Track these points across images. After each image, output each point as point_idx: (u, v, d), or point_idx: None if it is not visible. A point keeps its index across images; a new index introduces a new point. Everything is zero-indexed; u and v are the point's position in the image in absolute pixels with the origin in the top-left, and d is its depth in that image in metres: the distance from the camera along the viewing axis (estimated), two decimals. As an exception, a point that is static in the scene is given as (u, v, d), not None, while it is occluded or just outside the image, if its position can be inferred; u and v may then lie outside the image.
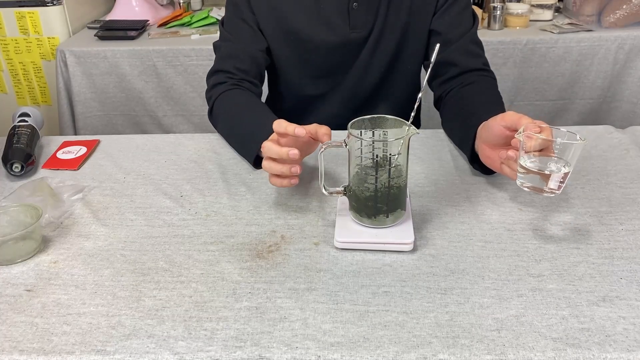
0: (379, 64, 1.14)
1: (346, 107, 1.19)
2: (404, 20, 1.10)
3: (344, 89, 1.17)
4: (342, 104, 1.19)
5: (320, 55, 1.13)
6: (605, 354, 0.58)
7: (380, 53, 1.13)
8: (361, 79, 1.16)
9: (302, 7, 1.09)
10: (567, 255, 0.74)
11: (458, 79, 1.09)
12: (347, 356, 0.59)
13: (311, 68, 1.15)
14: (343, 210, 0.81)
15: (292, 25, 1.10)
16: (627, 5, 1.96)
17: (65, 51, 1.98)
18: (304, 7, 1.09)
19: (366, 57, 1.13)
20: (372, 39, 1.11)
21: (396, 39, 1.12)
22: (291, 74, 1.18)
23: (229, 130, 1.06)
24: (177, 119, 2.09)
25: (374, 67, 1.14)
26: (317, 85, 1.17)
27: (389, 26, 1.10)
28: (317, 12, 1.09)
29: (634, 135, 1.05)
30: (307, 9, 1.09)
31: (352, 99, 1.18)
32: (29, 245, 0.77)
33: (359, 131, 0.76)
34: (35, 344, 0.62)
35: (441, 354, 0.59)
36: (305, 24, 1.09)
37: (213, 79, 1.11)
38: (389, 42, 1.12)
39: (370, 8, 1.08)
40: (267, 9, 1.10)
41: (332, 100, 1.19)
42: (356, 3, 1.07)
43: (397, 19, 1.10)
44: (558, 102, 2.03)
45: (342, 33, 1.10)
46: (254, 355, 0.60)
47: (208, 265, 0.74)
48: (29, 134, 1.03)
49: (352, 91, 1.17)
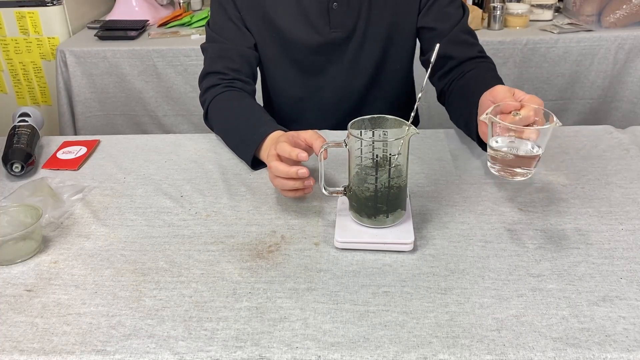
0: (367, 64, 1.14)
1: (338, 108, 1.18)
2: (389, 20, 1.10)
3: (334, 89, 1.17)
4: (333, 105, 1.19)
5: (304, 54, 1.13)
6: (605, 354, 0.58)
7: (367, 53, 1.13)
8: (350, 80, 1.16)
9: (285, 6, 1.09)
10: (567, 255, 0.74)
11: (457, 70, 1.08)
12: (347, 356, 0.59)
13: (297, 67, 1.15)
14: (343, 210, 0.81)
15: (276, 23, 1.10)
16: (627, 5, 1.96)
17: (65, 51, 1.98)
18: (286, 5, 1.09)
19: (351, 57, 1.13)
20: (356, 40, 1.11)
21: (382, 39, 1.11)
22: (278, 73, 1.18)
23: (224, 134, 1.06)
24: (177, 119, 2.10)
25: (362, 67, 1.14)
26: (305, 84, 1.17)
27: (373, 26, 1.10)
28: (298, 11, 1.09)
29: (634, 135, 1.05)
30: (289, 7, 1.09)
31: (343, 100, 1.18)
32: (29, 246, 0.77)
33: (359, 131, 0.76)
34: (36, 344, 0.62)
35: (441, 354, 0.59)
36: (288, 23, 1.09)
37: (205, 82, 1.11)
38: (374, 43, 1.12)
39: (350, 9, 1.08)
40: (252, 6, 1.10)
41: (322, 101, 1.19)
42: (336, 3, 1.07)
43: (381, 19, 1.10)
44: (558, 102, 2.03)
45: (323, 33, 1.10)
46: (254, 355, 0.60)
47: (208, 265, 0.74)
48: (29, 134, 1.03)
49: (341, 92, 1.17)
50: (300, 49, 1.12)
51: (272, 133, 0.94)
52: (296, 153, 0.79)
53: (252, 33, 1.12)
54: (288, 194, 0.85)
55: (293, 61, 1.14)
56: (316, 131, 0.84)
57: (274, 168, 0.81)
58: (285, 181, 0.81)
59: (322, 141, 0.81)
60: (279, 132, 0.93)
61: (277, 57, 1.14)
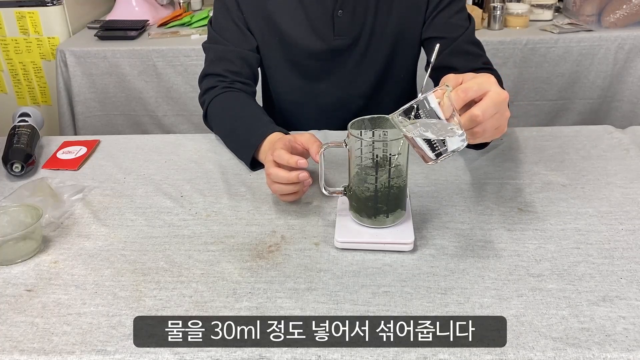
0: (369, 72, 1.13)
1: (339, 114, 1.17)
2: (394, 30, 1.09)
3: (335, 95, 1.16)
4: (333, 111, 1.18)
5: (306, 59, 1.12)
6: (605, 354, 0.58)
7: (370, 62, 1.12)
8: (352, 87, 1.15)
9: (289, 10, 1.08)
10: (567, 255, 0.74)
11: None
12: (347, 356, 0.59)
13: (298, 71, 1.14)
14: (343, 210, 0.81)
15: (279, 27, 1.09)
16: (627, 5, 1.96)
17: (65, 51, 1.99)
18: (291, 10, 1.08)
19: (354, 64, 1.12)
20: (360, 48, 1.10)
21: (386, 48, 1.11)
22: (279, 76, 1.17)
23: (223, 135, 1.06)
24: (177, 119, 2.10)
25: (364, 75, 1.14)
26: (306, 89, 1.17)
27: (378, 35, 1.09)
28: (302, 16, 1.08)
29: (634, 135, 1.05)
30: (293, 12, 1.08)
31: (343, 107, 1.17)
32: (29, 246, 0.77)
33: (359, 131, 0.76)
34: (36, 344, 0.62)
35: (441, 354, 0.59)
36: (291, 27, 1.09)
37: (205, 83, 1.11)
38: (378, 52, 1.11)
39: (356, 17, 1.08)
40: (255, 8, 1.09)
41: (323, 106, 1.18)
42: (341, 10, 1.07)
43: (386, 28, 1.09)
44: (558, 102, 2.03)
45: (327, 39, 1.09)
46: (254, 355, 0.60)
47: (208, 265, 0.74)
48: (29, 134, 1.03)
49: (342, 99, 1.16)
50: (303, 54, 1.11)
51: (271, 135, 0.94)
52: (295, 160, 0.79)
53: (255, 35, 1.11)
54: (286, 198, 0.85)
55: (295, 65, 1.14)
56: (313, 134, 0.84)
57: (274, 175, 0.81)
58: (284, 186, 0.81)
59: (319, 145, 0.81)
60: (277, 134, 0.93)
61: (279, 61, 1.14)
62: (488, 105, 0.67)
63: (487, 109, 0.67)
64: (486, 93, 0.67)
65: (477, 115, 0.66)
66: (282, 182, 0.81)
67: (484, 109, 0.66)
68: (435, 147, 0.67)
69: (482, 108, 0.66)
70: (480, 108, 0.66)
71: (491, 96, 0.67)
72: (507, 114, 0.71)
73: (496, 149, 1.02)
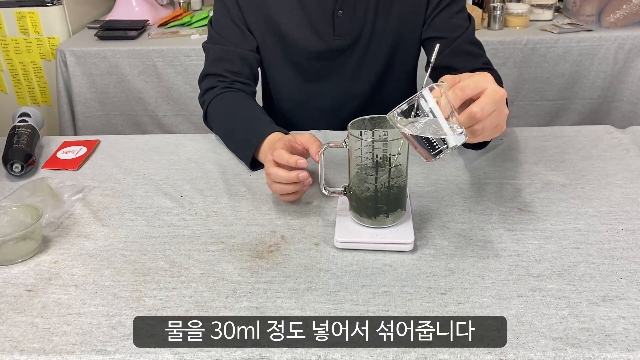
0: (369, 72, 1.13)
1: (339, 114, 1.17)
2: (394, 30, 1.09)
3: (334, 95, 1.16)
4: (333, 110, 1.18)
5: (306, 59, 1.12)
6: (605, 354, 0.58)
7: (370, 62, 1.12)
8: (351, 87, 1.15)
9: (289, 10, 1.08)
10: (567, 255, 0.74)
11: None
12: (347, 356, 0.59)
13: (298, 71, 1.14)
14: (343, 210, 0.81)
15: (279, 27, 1.09)
16: (627, 5, 1.96)
17: (65, 51, 1.98)
18: (291, 10, 1.08)
19: (354, 64, 1.12)
20: (360, 48, 1.10)
21: (386, 48, 1.11)
22: (279, 76, 1.17)
23: (223, 135, 1.06)
24: (177, 119, 2.10)
25: (364, 75, 1.14)
26: (306, 89, 1.16)
27: (378, 35, 1.09)
28: (302, 16, 1.08)
29: (634, 135, 1.05)
30: (293, 12, 1.08)
31: (343, 106, 1.17)
32: (29, 246, 0.77)
33: (359, 131, 0.76)
34: (36, 344, 0.62)
35: (441, 354, 0.59)
36: (291, 27, 1.09)
37: (205, 83, 1.11)
38: (378, 52, 1.11)
39: (356, 17, 1.07)
40: (255, 8, 1.09)
41: (323, 106, 1.18)
42: (341, 11, 1.07)
43: (386, 28, 1.09)
44: (558, 102, 2.03)
45: (327, 39, 1.09)
46: (254, 355, 0.60)
47: (208, 265, 0.74)
48: (29, 134, 1.03)
49: (342, 98, 1.16)
50: (302, 54, 1.11)
51: (271, 135, 0.94)
52: (295, 160, 0.79)
53: (255, 35, 1.11)
54: (286, 198, 0.85)
55: (294, 65, 1.14)
56: (313, 134, 0.84)
57: (274, 174, 0.81)
58: (285, 186, 0.81)
59: (319, 145, 0.81)
60: (277, 134, 0.93)
61: (279, 61, 1.14)
62: (486, 103, 0.67)
63: (486, 106, 0.67)
64: (483, 91, 0.68)
65: (475, 112, 0.67)
66: (282, 182, 0.81)
67: (482, 106, 0.67)
68: (435, 145, 0.68)
69: (480, 105, 0.67)
70: (479, 105, 0.67)
71: (488, 94, 0.68)
72: (505, 111, 0.72)
73: (496, 149, 1.02)
